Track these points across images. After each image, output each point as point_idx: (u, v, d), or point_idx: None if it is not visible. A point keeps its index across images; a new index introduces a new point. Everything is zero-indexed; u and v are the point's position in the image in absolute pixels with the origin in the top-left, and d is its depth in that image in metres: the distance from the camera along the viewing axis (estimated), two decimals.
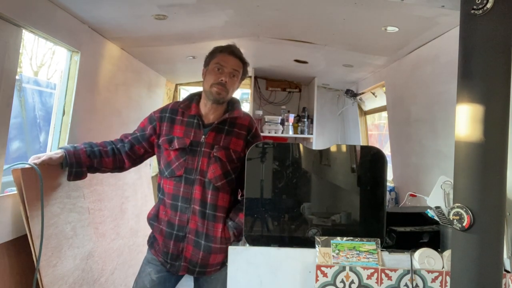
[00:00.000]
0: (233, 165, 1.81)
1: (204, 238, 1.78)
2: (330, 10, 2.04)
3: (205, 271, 1.83)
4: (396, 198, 3.16)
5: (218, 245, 1.79)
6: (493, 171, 1.19)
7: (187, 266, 1.81)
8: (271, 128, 4.02)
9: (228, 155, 1.80)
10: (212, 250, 1.79)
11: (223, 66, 1.79)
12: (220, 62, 1.80)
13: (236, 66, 1.81)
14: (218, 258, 1.81)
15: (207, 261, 1.80)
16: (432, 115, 2.41)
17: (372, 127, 4.56)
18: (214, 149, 1.79)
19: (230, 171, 1.81)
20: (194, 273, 1.82)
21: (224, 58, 1.81)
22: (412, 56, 2.52)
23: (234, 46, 1.86)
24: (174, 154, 1.79)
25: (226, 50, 1.82)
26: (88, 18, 2.17)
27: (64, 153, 1.79)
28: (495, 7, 1.16)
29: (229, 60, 1.81)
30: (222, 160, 1.79)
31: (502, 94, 1.19)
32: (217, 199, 1.79)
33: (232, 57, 1.81)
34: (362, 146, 1.91)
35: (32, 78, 5.45)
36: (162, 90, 4.15)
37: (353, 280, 1.47)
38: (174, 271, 1.83)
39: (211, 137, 1.80)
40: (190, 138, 1.80)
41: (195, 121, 1.83)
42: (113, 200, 2.73)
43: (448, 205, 1.61)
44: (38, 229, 1.85)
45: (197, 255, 1.79)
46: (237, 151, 1.83)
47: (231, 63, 1.80)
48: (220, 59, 1.81)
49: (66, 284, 2.01)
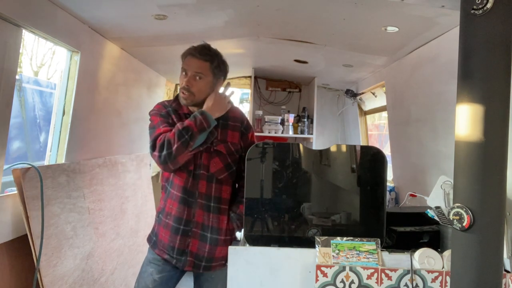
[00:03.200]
0: (232, 157, 1.85)
1: (210, 231, 1.81)
2: (330, 10, 2.04)
3: (211, 266, 1.83)
4: (396, 198, 3.16)
5: (223, 237, 1.82)
6: (493, 171, 1.19)
7: (193, 261, 1.82)
8: (271, 128, 4.02)
9: (227, 148, 1.83)
10: (218, 242, 1.82)
11: (187, 69, 1.81)
12: (184, 66, 1.82)
13: (198, 69, 1.80)
14: (223, 251, 1.82)
15: (213, 254, 1.82)
16: (432, 115, 2.41)
17: (372, 127, 4.56)
18: (213, 143, 1.81)
19: (230, 163, 1.84)
20: (200, 268, 1.83)
21: (187, 61, 1.82)
22: (412, 56, 2.52)
23: (196, 47, 1.83)
24: None
25: (188, 53, 1.83)
26: (88, 18, 2.17)
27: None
28: (495, 7, 1.16)
29: (191, 62, 1.81)
30: (223, 153, 1.82)
31: (502, 94, 1.19)
32: (220, 192, 1.83)
33: (194, 59, 1.80)
34: (362, 146, 1.92)
35: (32, 78, 5.45)
36: (162, 90, 4.15)
37: (353, 280, 1.47)
38: (181, 266, 1.84)
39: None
40: None
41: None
42: (113, 200, 2.73)
43: (448, 205, 1.61)
44: (38, 229, 1.85)
45: (204, 248, 1.81)
46: (235, 143, 1.86)
47: (193, 65, 1.80)
48: (185, 63, 1.82)
49: (66, 284, 2.01)
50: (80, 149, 2.49)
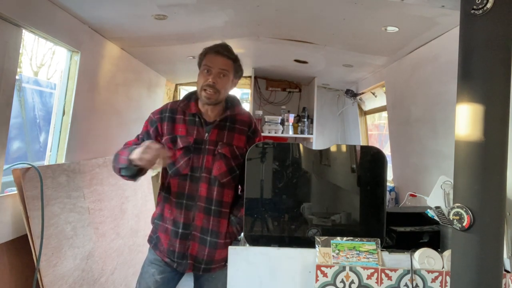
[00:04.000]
0: (237, 161, 1.83)
1: (209, 234, 1.80)
2: (330, 10, 2.04)
3: (211, 268, 1.83)
4: (396, 198, 3.16)
5: (223, 240, 1.81)
6: (493, 171, 1.19)
7: (192, 264, 1.81)
8: (271, 128, 4.03)
9: (232, 151, 1.81)
10: (218, 246, 1.81)
11: (211, 67, 1.79)
12: (208, 63, 1.80)
13: (223, 66, 1.80)
14: (223, 253, 1.81)
15: (213, 257, 1.81)
16: (432, 115, 2.41)
17: (372, 127, 4.56)
18: (218, 146, 1.80)
19: (234, 167, 1.82)
20: (200, 270, 1.83)
21: (211, 58, 1.80)
22: (412, 56, 2.52)
23: (221, 45, 1.84)
24: (179, 153, 1.80)
25: (212, 50, 1.81)
26: (88, 18, 2.17)
27: None
28: (495, 7, 1.16)
29: (216, 60, 1.79)
30: (227, 156, 1.80)
31: (502, 94, 1.19)
32: (222, 195, 1.81)
33: (219, 56, 1.80)
34: (362, 146, 1.91)
35: (32, 78, 5.45)
36: (162, 90, 4.16)
37: (353, 280, 1.47)
38: (181, 269, 1.83)
39: (214, 134, 1.81)
40: (194, 136, 1.80)
41: (196, 119, 1.83)
42: (113, 200, 2.73)
43: (448, 205, 1.61)
44: (38, 229, 1.85)
45: (203, 251, 1.80)
46: (240, 147, 1.84)
47: (219, 63, 1.79)
48: (208, 60, 1.80)
49: (66, 284, 2.01)
50: (80, 149, 2.49)
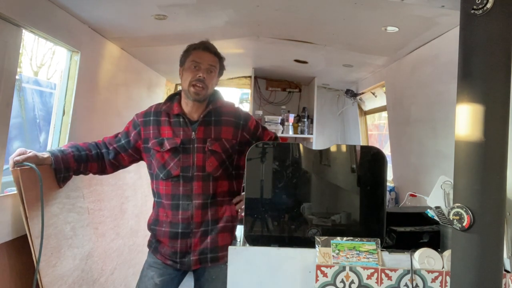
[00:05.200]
0: (227, 154, 1.84)
1: (210, 224, 1.81)
2: (330, 10, 2.04)
3: (218, 256, 1.83)
4: (396, 198, 3.16)
5: (223, 224, 1.83)
6: (493, 171, 1.19)
7: (198, 258, 1.82)
8: (271, 128, 4.02)
9: (222, 146, 1.82)
10: (219, 230, 1.82)
11: (199, 62, 1.80)
12: (196, 59, 1.80)
13: (212, 62, 1.82)
14: (226, 238, 1.83)
15: (217, 243, 1.82)
16: (432, 115, 2.41)
17: (372, 127, 4.56)
18: (208, 143, 1.80)
19: (225, 160, 1.84)
20: (207, 261, 1.82)
21: (199, 54, 1.81)
22: (412, 56, 2.52)
23: (208, 42, 1.86)
24: (168, 155, 1.80)
25: (200, 47, 1.83)
26: (88, 18, 2.17)
27: (51, 158, 1.77)
28: (495, 7, 1.16)
29: (204, 56, 1.81)
30: (218, 152, 1.81)
31: (502, 94, 1.19)
32: (216, 187, 1.83)
33: (207, 53, 1.82)
34: (362, 146, 1.92)
35: (32, 78, 5.45)
36: (162, 90, 4.16)
37: (353, 280, 1.47)
38: (186, 267, 1.84)
39: (201, 131, 1.81)
40: (180, 137, 1.81)
41: (181, 120, 1.83)
42: (113, 200, 2.73)
43: (448, 205, 1.61)
44: (38, 229, 1.85)
45: (206, 240, 1.81)
46: (229, 139, 1.85)
47: (207, 59, 1.81)
48: (195, 56, 1.81)
49: (65, 284, 2.01)
50: None
